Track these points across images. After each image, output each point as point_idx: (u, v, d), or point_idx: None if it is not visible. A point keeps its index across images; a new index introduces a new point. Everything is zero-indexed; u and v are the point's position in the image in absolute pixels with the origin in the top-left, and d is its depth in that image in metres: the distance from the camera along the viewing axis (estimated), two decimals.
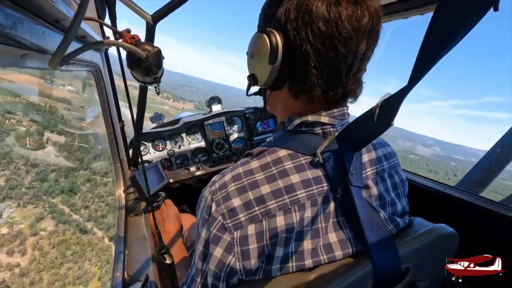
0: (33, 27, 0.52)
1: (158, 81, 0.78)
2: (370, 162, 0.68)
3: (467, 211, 1.16)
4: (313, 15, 0.51)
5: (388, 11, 1.17)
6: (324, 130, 0.62)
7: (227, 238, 0.56)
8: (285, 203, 0.56)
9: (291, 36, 0.55)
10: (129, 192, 1.56)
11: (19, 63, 0.56)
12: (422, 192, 1.34)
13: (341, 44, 0.52)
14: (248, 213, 0.56)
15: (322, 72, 0.55)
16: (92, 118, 15.97)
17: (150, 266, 1.12)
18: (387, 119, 0.46)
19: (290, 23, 0.54)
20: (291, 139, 0.63)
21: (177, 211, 1.41)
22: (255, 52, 0.62)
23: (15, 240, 10.63)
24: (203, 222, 0.61)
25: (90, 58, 1.13)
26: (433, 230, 0.63)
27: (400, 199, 0.71)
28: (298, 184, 0.58)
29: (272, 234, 0.56)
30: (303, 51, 0.54)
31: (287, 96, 0.64)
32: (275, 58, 0.57)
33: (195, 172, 2.04)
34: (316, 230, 0.58)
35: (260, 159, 0.61)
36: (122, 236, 1.27)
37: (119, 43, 0.65)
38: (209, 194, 0.60)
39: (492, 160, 2.15)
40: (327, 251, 0.58)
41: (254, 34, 0.63)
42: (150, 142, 1.98)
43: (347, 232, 0.60)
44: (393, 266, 0.56)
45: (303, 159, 0.60)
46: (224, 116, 2.13)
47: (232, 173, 0.61)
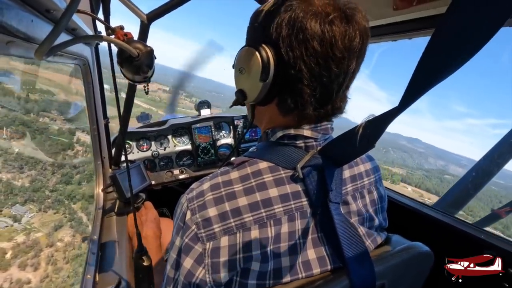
0: (21, 14, 0.51)
1: (148, 80, 0.77)
2: (351, 178, 0.68)
3: (442, 231, 1.20)
4: (307, 33, 0.50)
5: (377, 32, 1.21)
6: (307, 144, 0.62)
7: (199, 248, 0.55)
8: (261, 217, 0.55)
9: (284, 54, 0.53)
10: (108, 192, 1.51)
11: (3, 49, 0.54)
12: (399, 210, 1.37)
13: (335, 64, 0.52)
14: (222, 225, 0.55)
15: (314, 91, 0.55)
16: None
17: (124, 269, 1.08)
18: (369, 140, 0.45)
19: (283, 41, 0.53)
20: (272, 151, 0.63)
21: (157, 215, 1.37)
22: (245, 68, 0.60)
23: (30, 251, 9.94)
24: (178, 230, 0.59)
25: (79, 51, 1.11)
26: (409, 248, 0.64)
27: (378, 214, 0.72)
28: (276, 198, 0.57)
29: (246, 248, 0.54)
30: (296, 69, 0.53)
31: (275, 111, 0.63)
32: (266, 75, 0.55)
33: (179, 176, 2.00)
34: (293, 246, 0.57)
35: (240, 169, 0.60)
36: (97, 237, 1.22)
37: (111, 39, 0.63)
38: (186, 201, 0.59)
39: (468, 183, 2.23)
40: (305, 269, 0.57)
41: (243, 48, 0.61)
42: (135, 142, 1.94)
43: (326, 248, 0.60)
44: (369, 281, 0.56)
45: (283, 172, 0.59)
46: (213, 121, 2.12)
47: (210, 182, 0.59)
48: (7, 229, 10.07)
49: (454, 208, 2.22)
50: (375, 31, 1.18)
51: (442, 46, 0.32)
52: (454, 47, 0.31)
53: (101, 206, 1.44)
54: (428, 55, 0.32)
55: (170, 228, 1.47)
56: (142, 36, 0.81)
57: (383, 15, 1.03)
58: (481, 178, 2.19)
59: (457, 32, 0.31)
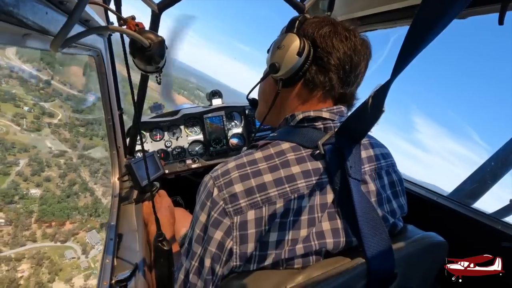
0: (36, 7, 0.51)
1: (160, 70, 0.78)
2: (368, 158, 0.71)
3: (458, 221, 1.17)
4: (337, 32, 0.66)
5: (392, 17, 1.17)
6: (325, 125, 0.68)
7: (227, 222, 0.59)
8: (285, 191, 0.59)
9: (318, 41, 0.66)
10: (123, 180, 1.55)
11: (20, 42, 0.55)
12: (414, 199, 1.35)
13: (356, 56, 0.67)
14: (249, 199, 0.59)
15: (339, 72, 0.66)
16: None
17: (140, 254, 1.12)
18: (378, 106, 0.50)
19: (318, 33, 0.67)
20: (294, 133, 0.68)
21: (171, 203, 1.41)
22: (285, 45, 0.68)
23: None
24: (202, 206, 0.63)
25: (92, 42, 1.12)
26: (424, 238, 0.63)
27: (398, 197, 0.73)
28: (299, 175, 0.61)
29: (271, 221, 0.58)
30: (327, 52, 0.66)
31: (300, 91, 0.72)
32: (303, 51, 0.65)
33: (191, 165, 2.04)
34: (312, 219, 0.60)
35: (263, 150, 0.65)
36: (114, 224, 1.27)
37: (123, 29, 0.64)
38: (211, 179, 0.63)
39: (486, 173, 2.16)
40: (318, 238, 0.59)
41: (284, 34, 0.70)
42: (148, 132, 1.97)
43: (341, 222, 0.61)
44: (386, 261, 0.57)
45: (304, 151, 0.64)
46: (224, 110, 2.13)
47: (236, 162, 0.64)
48: None
49: (470, 198, 2.17)
50: (389, 16, 1.14)
51: (422, 22, 0.39)
52: (431, 22, 0.38)
53: (117, 194, 1.48)
54: (413, 30, 0.40)
55: (183, 215, 1.51)
56: (153, 26, 0.81)
57: (385, 2, 1.01)
58: (499, 168, 2.11)
59: (433, 12, 0.38)
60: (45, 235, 20.08)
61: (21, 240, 19.44)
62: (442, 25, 0.39)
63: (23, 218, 20.47)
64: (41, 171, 23.97)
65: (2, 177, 22.75)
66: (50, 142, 26.93)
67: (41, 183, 23.29)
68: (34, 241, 19.70)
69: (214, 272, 0.61)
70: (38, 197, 22.14)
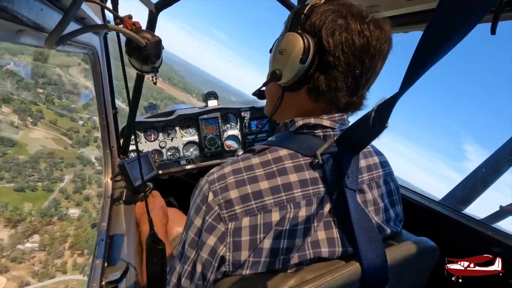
0: (31, 3, 0.51)
1: (156, 70, 0.77)
2: (367, 167, 0.70)
3: (449, 227, 1.19)
4: (349, 27, 0.57)
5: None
6: (325, 133, 0.65)
7: (222, 228, 0.58)
8: (281, 200, 0.59)
9: (325, 42, 0.58)
10: (116, 180, 1.53)
11: (14, 38, 0.54)
12: (406, 204, 1.35)
13: (368, 59, 0.59)
14: (244, 206, 0.58)
15: (347, 79, 0.60)
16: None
17: (132, 255, 1.10)
18: (382, 121, 0.48)
19: (326, 28, 0.58)
20: (292, 139, 0.66)
21: (164, 204, 1.40)
22: (286, 49, 0.62)
23: None
24: (197, 210, 0.62)
25: (88, 40, 1.11)
26: (415, 242, 0.64)
27: (395, 206, 0.73)
28: (296, 183, 0.60)
29: (266, 229, 0.57)
30: (334, 56, 0.58)
31: (304, 98, 0.66)
32: (306, 58, 0.59)
33: (185, 166, 2.02)
34: (307, 228, 0.60)
35: (261, 156, 0.64)
36: (105, 225, 1.25)
37: (119, 28, 0.63)
38: (207, 183, 0.62)
39: (477, 179, 2.19)
40: (313, 247, 0.59)
41: (286, 33, 0.64)
42: (142, 132, 1.95)
43: (337, 231, 0.61)
44: (380, 270, 0.57)
45: (302, 159, 0.63)
46: (220, 112, 2.12)
47: (232, 166, 0.63)
48: None
49: (461, 204, 2.20)
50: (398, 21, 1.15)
51: (434, 36, 0.36)
52: (443, 37, 0.36)
53: (110, 195, 1.47)
54: (423, 44, 0.37)
55: (176, 216, 1.50)
56: (150, 25, 0.80)
57: (396, 5, 1.01)
58: (490, 174, 2.14)
59: (447, 24, 0.35)
60: (75, 266, 18.90)
61: (51, 271, 18.15)
62: (460, 35, 0.36)
63: (57, 244, 19.28)
64: (82, 189, 23.02)
65: (46, 194, 21.73)
66: (95, 157, 26.22)
67: (81, 202, 22.30)
68: (64, 272, 18.45)
69: (205, 278, 0.60)
70: (76, 218, 21.09)
